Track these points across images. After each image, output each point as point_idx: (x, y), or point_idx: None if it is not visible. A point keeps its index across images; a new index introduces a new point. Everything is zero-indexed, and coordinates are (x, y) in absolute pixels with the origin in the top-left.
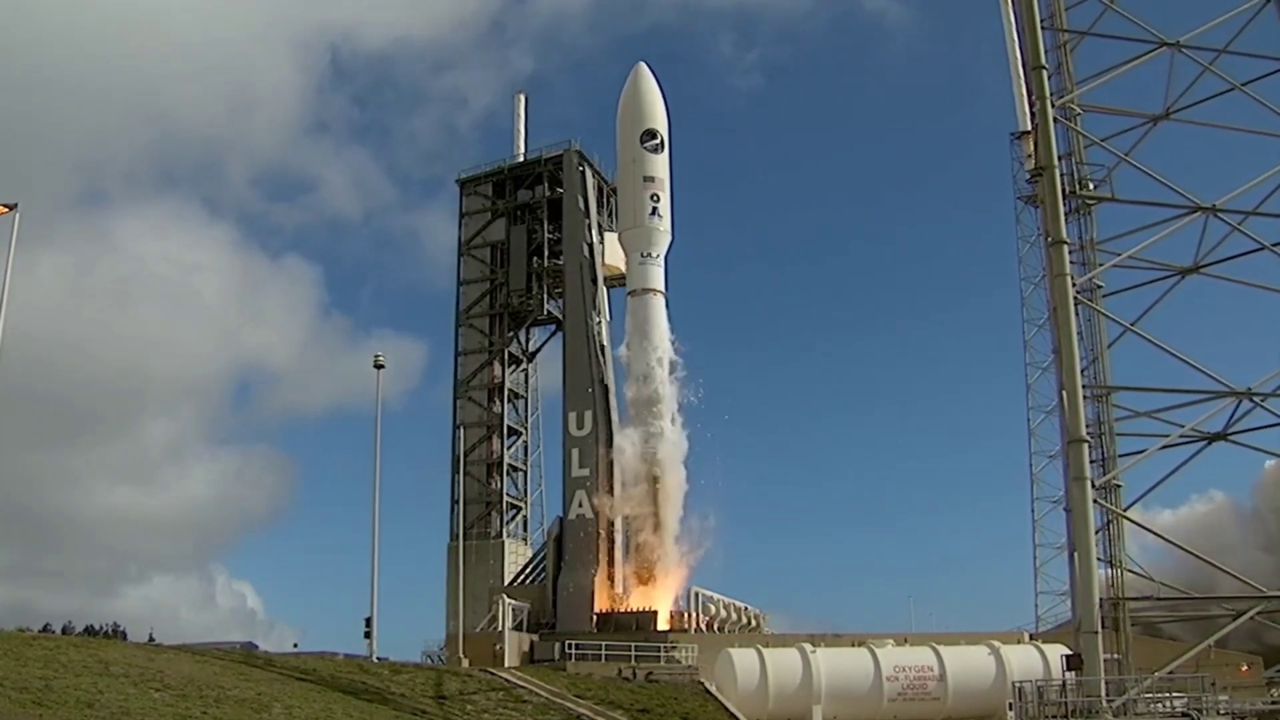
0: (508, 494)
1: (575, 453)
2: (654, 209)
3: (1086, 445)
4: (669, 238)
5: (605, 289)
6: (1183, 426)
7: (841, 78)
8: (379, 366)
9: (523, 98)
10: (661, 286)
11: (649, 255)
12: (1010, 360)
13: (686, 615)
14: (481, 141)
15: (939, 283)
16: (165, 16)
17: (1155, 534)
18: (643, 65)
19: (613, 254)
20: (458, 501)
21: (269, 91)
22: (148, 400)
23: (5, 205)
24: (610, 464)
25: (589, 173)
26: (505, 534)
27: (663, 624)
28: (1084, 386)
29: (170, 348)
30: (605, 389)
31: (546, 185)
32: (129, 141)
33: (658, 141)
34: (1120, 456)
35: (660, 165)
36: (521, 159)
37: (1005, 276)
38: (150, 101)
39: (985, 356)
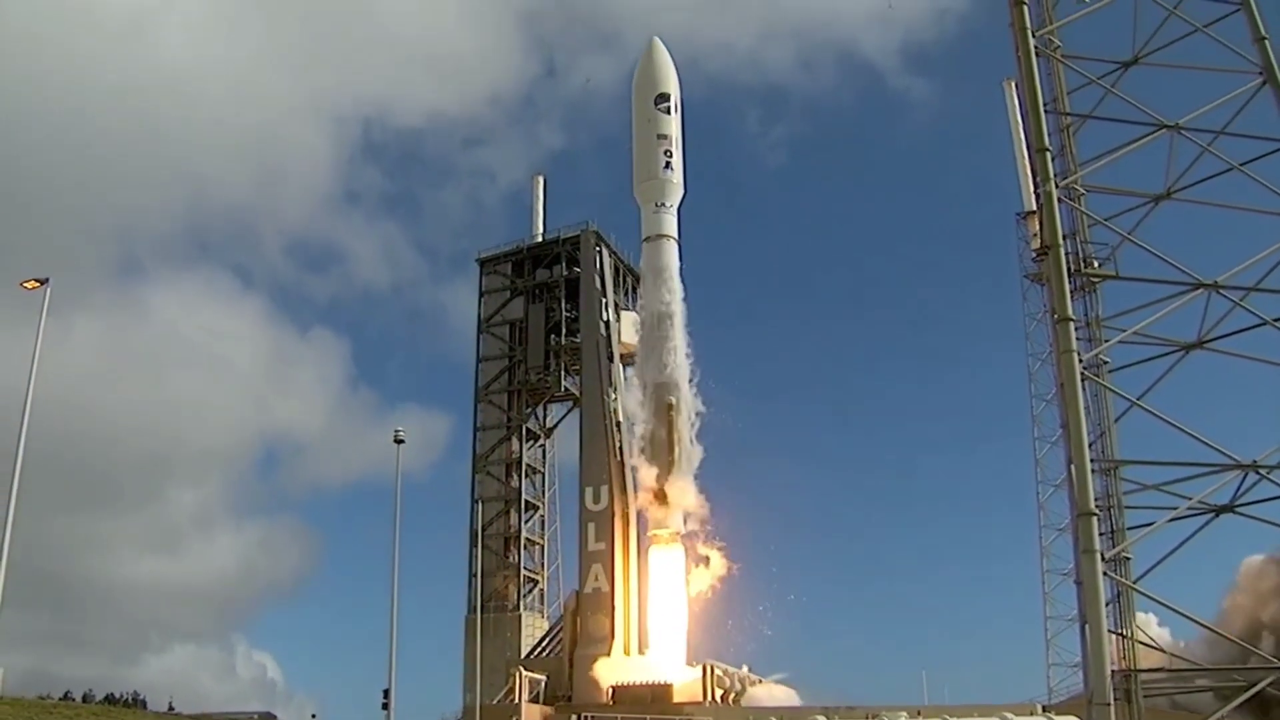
0: (525, 567)
1: (591, 527)
2: (667, 163)
3: (1096, 518)
4: (680, 190)
5: (621, 366)
6: (1190, 499)
7: (864, 154)
8: (399, 441)
9: (541, 180)
10: (674, 233)
11: (662, 205)
12: (1018, 434)
13: (702, 686)
14: (508, 216)
15: (947, 357)
16: (200, 90)
17: (1163, 604)
18: (656, 39)
19: (629, 332)
20: (476, 575)
21: (301, 163)
22: (176, 469)
23: (37, 280)
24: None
25: (605, 252)
26: (522, 607)
27: (678, 696)
28: (1092, 460)
29: (199, 417)
30: (621, 464)
31: (564, 265)
32: (163, 211)
33: (670, 104)
34: (1129, 529)
35: (672, 125)
36: (540, 239)
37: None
38: (185, 172)
39: (993, 430)
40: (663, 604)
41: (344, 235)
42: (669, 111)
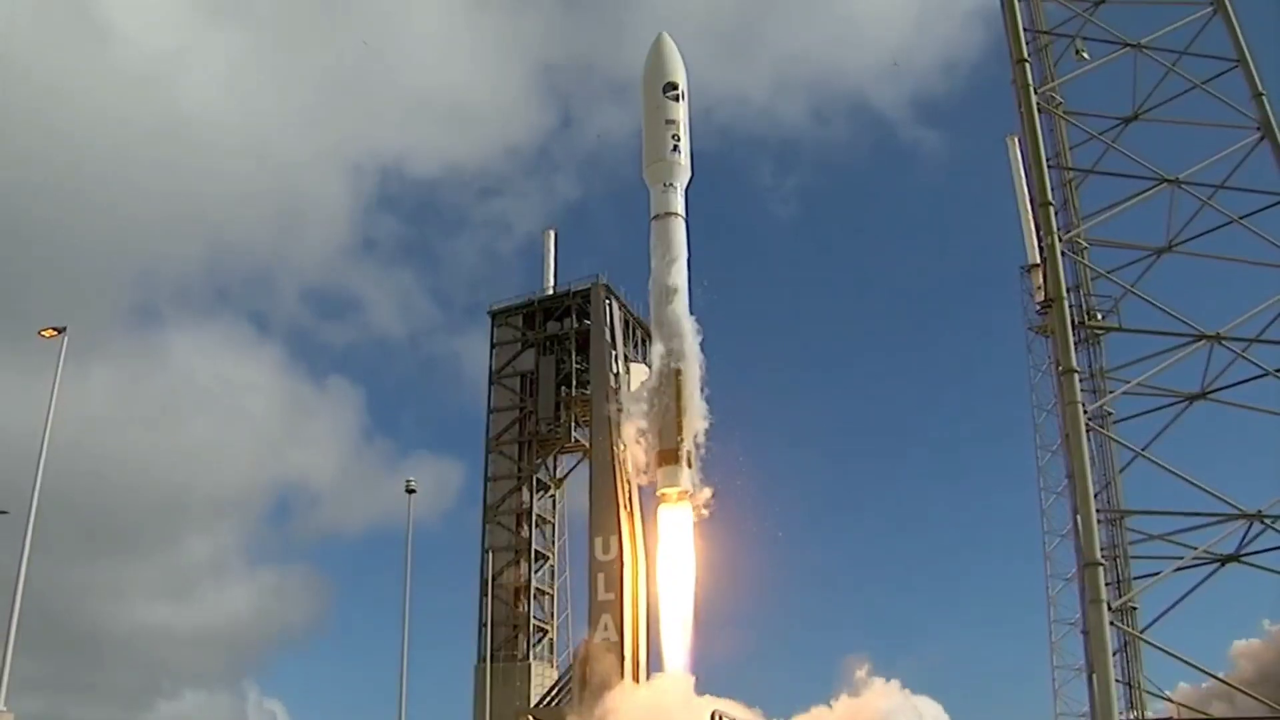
0: (535, 617)
1: (601, 577)
2: (674, 146)
3: (1102, 568)
4: (687, 172)
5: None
6: (1196, 549)
7: (874, 205)
8: (410, 491)
9: (552, 233)
10: (681, 211)
11: (670, 185)
12: (1024, 485)
13: None
14: (523, 266)
15: (953, 408)
16: (220, 138)
17: (1170, 653)
18: (664, 33)
19: (637, 383)
20: (485, 624)
21: (319, 212)
22: (190, 515)
23: (55, 329)
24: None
25: (615, 305)
26: (532, 656)
27: None
28: (1098, 511)
29: (214, 464)
30: (630, 515)
31: (574, 317)
32: (182, 259)
33: (678, 92)
34: (1135, 579)
35: (679, 111)
36: (551, 292)
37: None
38: (204, 219)
39: (998, 480)
40: (671, 570)
41: (361, 284)
42: (677, 100)
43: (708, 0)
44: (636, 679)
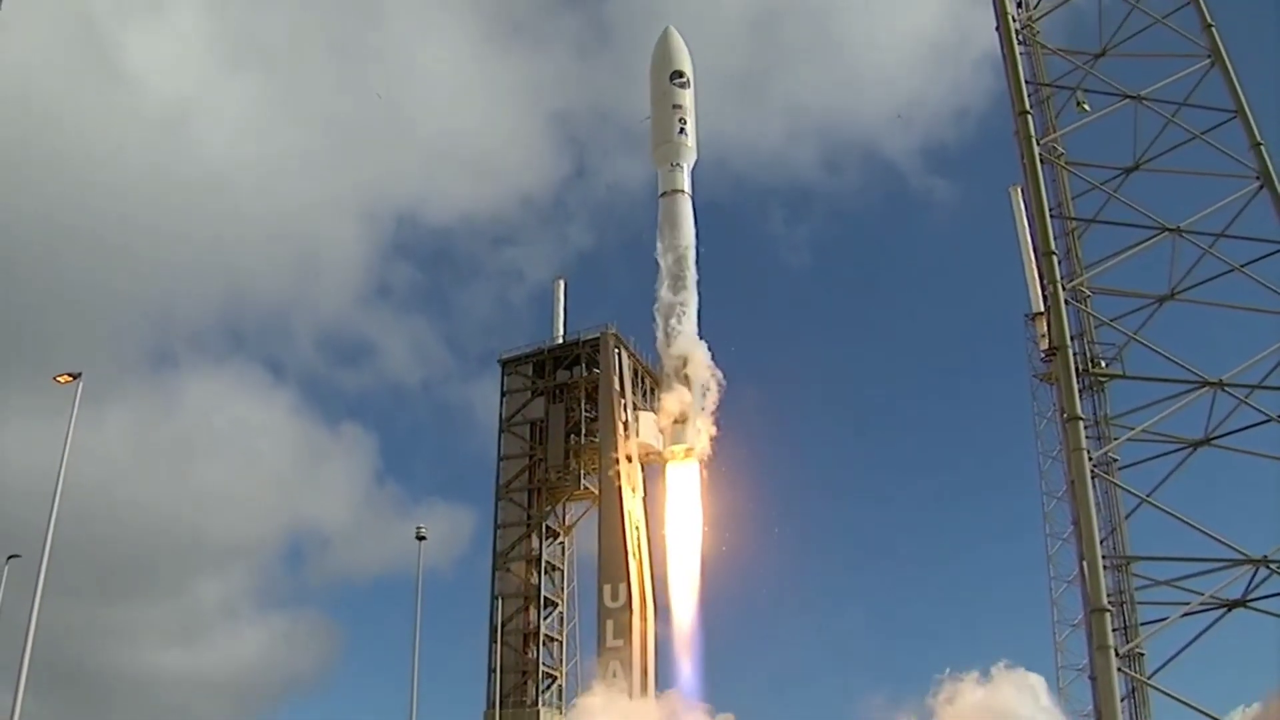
0: (543, 663)
1: (610, 624)
2: (681, 129)
3: (1109, 614)
4: (694, 154)
5: (639, 466)
6: (1202, 595)
7: (885, 254)
8: (421, 538)
9: (562, 283)
10: (687, 189)
11: (677, 165)
12: (1030, 531)
13: None
14: (535, 314)
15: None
16: (237, 184)
17: (1178, 699)
18: (670, 26)
19: (646, 431)
20: (495, 670)
21: (335, 258)
22: (203, 560)
23: (70, 375)
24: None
25: (624, 354)
26: (541, 703)
27: None
28: (1104, 557)
29: (228, 509)
30: (639, 562)
31: (584, 366)
32: (198, 303)
33: (684, 79)
34: (1142, 625)
35: (686, 96)
36: (561, 341)
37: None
38: (220, 264)
39: (1004, 527)
40: (679, 529)
41: (375, 330)
42: (684, 86)
43: (720, 48)
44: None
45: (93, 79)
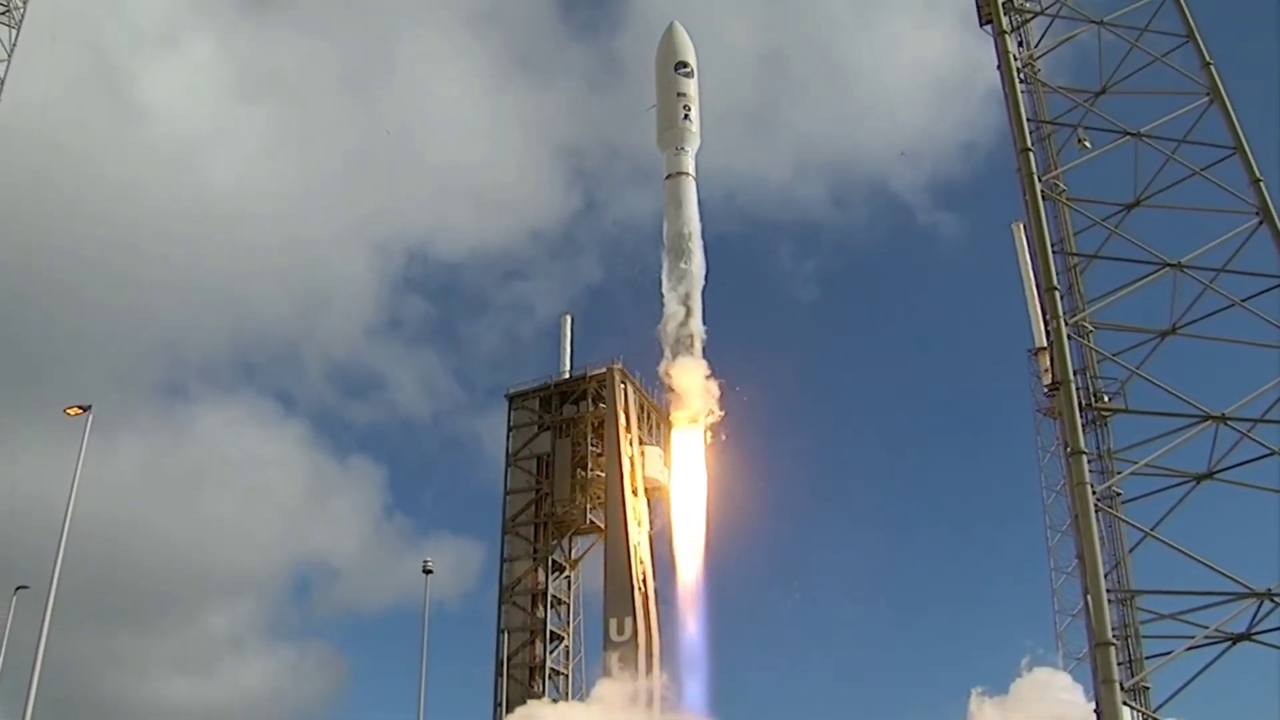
0: (549, 697)
1: (615, 658)
2: (685, 115)
3: (1114, 648)
4: (698, 139)
5: (645, 500)
6: (1207, 628)
7: (892, 288)
8: (427, 572)
9: (569, 318)
10: (691, 171)
11: (681, 149)
12: (1034, 565)
13: None
14: (543, 348)
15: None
16: (248, 217)
17: None
18: (676, 21)
19: (652, 466)
20: (501, 704)
21: (345, 291)
22: (212, 591)
23: (80, 407)
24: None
25: (630, 389)
26: None
27: None
28: (1108, 591)
29: (237, 541)
30: (645, 596)
31: (590, 401)
32: (209, 335)
33: (689, 69)
34: (1147, 658)
35: (690, 85)
36: (567, 376)
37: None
38: (231, 296)
39: (1009, 561)
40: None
41: (385, 363)
42: (688, 76)
43: (728, 83)
44: None
45: (106, 111)
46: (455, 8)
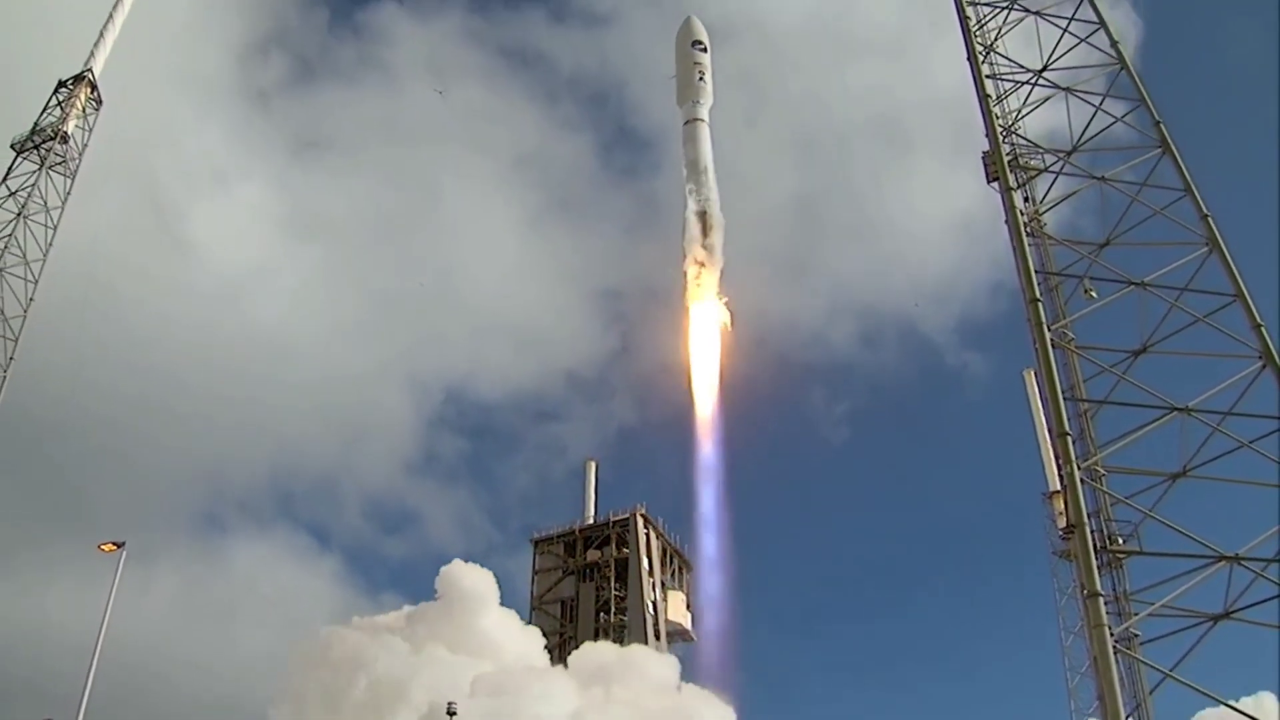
0: None
1: None
2: (700, 77)
3: None
4: (711, 97)
5: (667, 643)
6: None
7: (921, 429)
8: (451, 714)
9: (593, 464)
10: (706, 118)
11: (697, 102)
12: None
13: None
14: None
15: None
16: (290, 353)
17: None
18: (692, 15)
19: (675, 611)
20: None
21: (383, 428)
22: None
23: (114, 543)
24: None
25: (653, 534)
26: None
27: None
28: None
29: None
30: None
31: (614, 545)
32: (248, 469)
33: (703, 46)
34: None
35: (705, 58)
36: (591, 521)
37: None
38: (271, 431)
39: (1029, 705)
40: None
41: (419, 500)
42: (703, 51)
43: (761, 227)
44: None
45: (155, 246)
46: (498, 151)
